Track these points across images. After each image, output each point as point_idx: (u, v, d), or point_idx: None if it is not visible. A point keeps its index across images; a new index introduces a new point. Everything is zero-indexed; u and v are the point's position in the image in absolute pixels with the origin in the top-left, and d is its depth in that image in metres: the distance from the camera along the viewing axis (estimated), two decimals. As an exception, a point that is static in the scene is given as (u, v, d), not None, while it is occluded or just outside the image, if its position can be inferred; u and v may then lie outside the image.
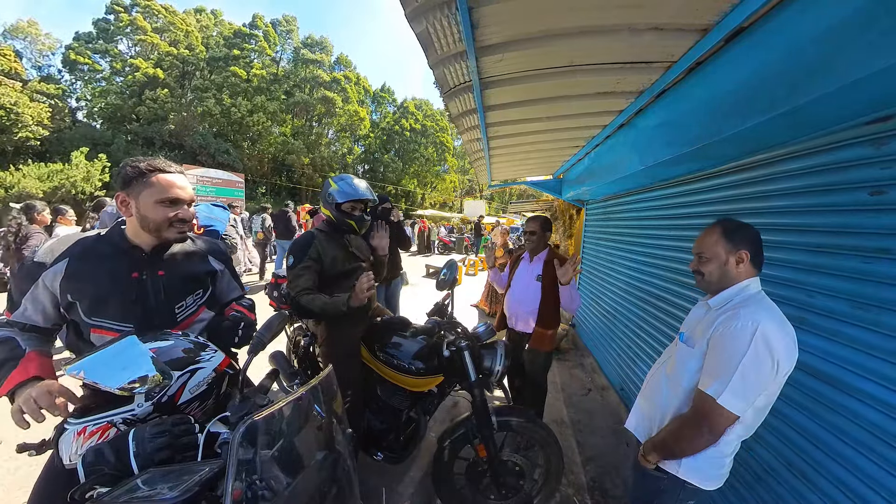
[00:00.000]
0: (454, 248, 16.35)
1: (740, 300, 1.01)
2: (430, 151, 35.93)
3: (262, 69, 28.98)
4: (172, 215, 1.06)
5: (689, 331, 1.12)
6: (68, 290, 0.99)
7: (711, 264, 1.06)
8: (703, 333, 1.02)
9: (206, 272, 1.25)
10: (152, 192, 1.03)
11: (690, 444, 1.00)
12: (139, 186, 1.02)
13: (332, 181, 1.78)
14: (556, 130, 2.69)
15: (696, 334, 1.06)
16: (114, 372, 0.80)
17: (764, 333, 0.90)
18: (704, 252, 1.07)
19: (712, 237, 1.06)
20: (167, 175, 1.05)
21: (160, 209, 1.04)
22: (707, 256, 1.06)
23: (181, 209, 1.08)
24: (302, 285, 1.65)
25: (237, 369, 1.11)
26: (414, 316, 2.35)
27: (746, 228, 1.04)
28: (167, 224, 1.06)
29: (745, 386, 0.90)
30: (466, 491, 1.79)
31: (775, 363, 0.90)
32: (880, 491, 0.99)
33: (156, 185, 1.03)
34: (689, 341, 1.09)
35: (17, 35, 25.85)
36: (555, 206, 6.11)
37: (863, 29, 0.87)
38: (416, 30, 1.36)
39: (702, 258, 1.08)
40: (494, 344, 1.79)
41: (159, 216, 1.04)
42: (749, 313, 0.94)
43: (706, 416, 0.95)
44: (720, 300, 1.06)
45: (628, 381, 2.82)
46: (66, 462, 0.79)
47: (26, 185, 16.02)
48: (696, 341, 1.05)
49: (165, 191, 1.04)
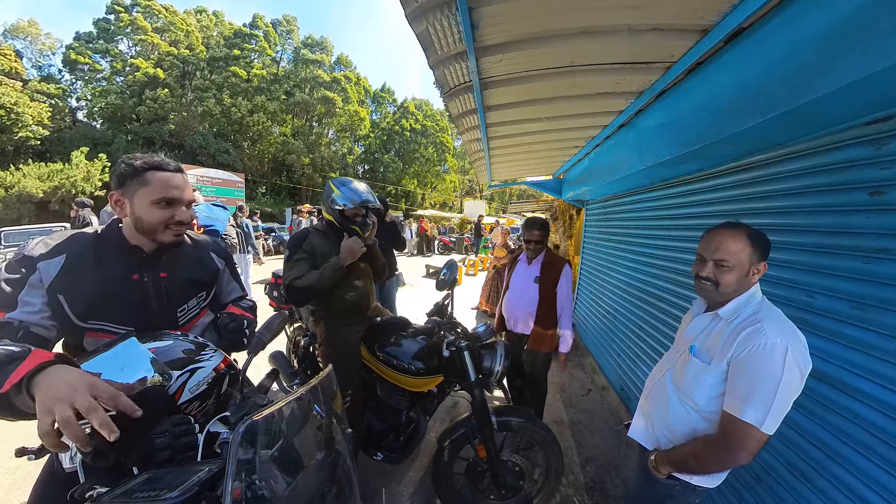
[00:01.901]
0: (454, 248, 16.37)
1: (753, 310, 0.97)
2: (430, 151, 35.94)
3: (263, 69, 28.99)
4: (168, 217, 0.99)
5: (701, 344, 1.06)
6: (60, 289, 0.91)
7: (732, 274, 0.95)
8: (723, 350, 0.96)
9: (210, 272, 1.21)
10: (147, 192, 0.96)
11: (721, 465, 0.96)
12: (134, 185, 0.95)
13: (333, 186, 1.76)
14: (557, 131, 2.69)
15: (712, 349, 1.00)
16: (113, 373, 0.80)
17: (794, 353, 0.87)
18: (728, 259, 0.94)
19: (738, 244, 0.94)
20: (164, 173, 0.98)
21: (156, 210, 0.97)
22: (730, 265, 0.94)
23: (178, 211, 1.01)
24: (294, 274, 1.68)
25: (237, 369, 1.10)
26: (414, 316, 2.35)
27: (765, 236, 0.96)
28: (163, 226, 0.99)
29: (782, 408, 0.88)
30: (466, 491, 1.79)
31: (803, 378, 0.89)
32: (880, 491, 0.99)
33: (151, 185, 0.96)
34: (701, 355, 1.03)
35: (18, 35, 25.86)
36: (555, 206, 6.10)
37: (863, 29, 0.87)
38: (416, 30, 1.36)
39: (723, 266, 0.95)
40: (494, 344, 1.80)
41: (154, 218, 0.97)
42: (774, 330, 0.89)
43: (742, 442, 0.89)
44: (731, 311, 1.00)
45: (628, 381, 2.81)
46: (67, 465, 0.79)
47: (26, 184, 16.03)
48: (713, 357, 0.99)
49: (161, 190, 0.96)
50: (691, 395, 1.05)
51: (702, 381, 1.01)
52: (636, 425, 1.27)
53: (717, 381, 0.98)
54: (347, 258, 1.65)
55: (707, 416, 1.02)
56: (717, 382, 0.98)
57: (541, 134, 2.76)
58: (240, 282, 1.36)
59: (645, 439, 1.22)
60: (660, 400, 1.17)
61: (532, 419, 1.76)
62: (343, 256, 1.64)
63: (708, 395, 1.00)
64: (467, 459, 1.78)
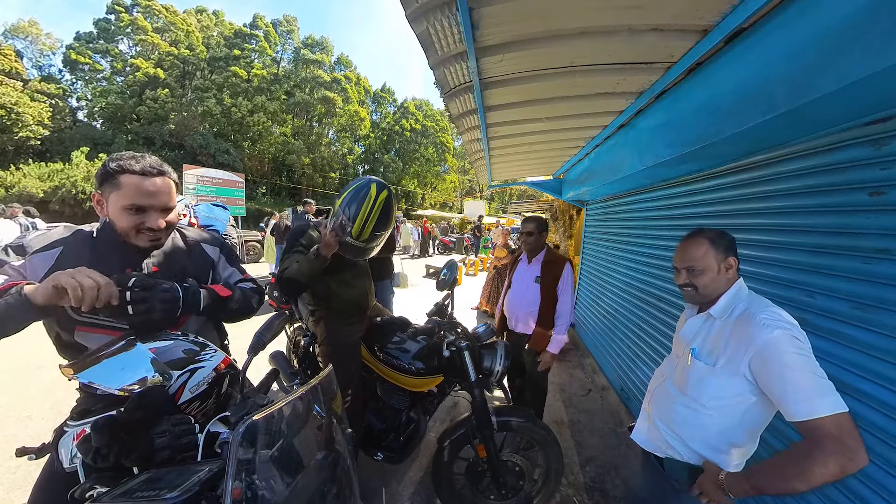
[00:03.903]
0: (454, 248, 16.38)
1: (745, 306, 0.99)
2: (430, 152, 35.96)
3: (263, 69, 29.00)
4: (138, 223, 0.96)
5: (701, 346, 1.06)
6: None
7: (705, 276, 1.03)
8: (733, 352, 0.95)
9: (204, 264, 1.20)
10: (118, 197, 0.93)
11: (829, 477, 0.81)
12: (109, 187, 0.94)
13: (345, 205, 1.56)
14: (557, 131, 2.70)
15: (716, 349, 1.01)
16: (113, 373, 0.80)
17: (791, 329, 0.89)
18: (696, 265, 1.04)
19: (700, 249, 1.03)
20: (136, 178, 0.94)
21: (125, 216, 0.95)
22: (700, 268, 1.03)
23: (149, 217, 0.97)
24: (286, 265, 1.62)
25: (237, 369, 1.10)
26: (414, 316, 2.36)
27: (726, 234, 1.04)
28: (134, 231, 0.97)
29: (821, 377, 0.85)
30: (466, 491, 1.79)
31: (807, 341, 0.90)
32: (880, 491, 0.99)
33: (122, 189, 0.93)
34: (704, 357, 1.03)
35: (18, 35, 25.89)
36: (555, 206, 6.11)
37: (863, 29, 0.87)
38: (416, 30, 1.36)
39: (693, 271, 1.05)
40: (494, 344, 1.80)
41: (124, 223, 0.96)
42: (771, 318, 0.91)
43: (836, 438, 0.79)
44: (722, 309, 1.03)
45: (628, 381, 2.82)
46: (67, 465, 0.79)
47: (27, 184, 16.04)
48: (719, 358, 0.99)
49: (130, 196, 0.94)
50: (697, 398, 1.03)
51: (707, 383, 1.01)
52: (640, 429, 1.25)
53: (724, 383, 0.97)
54: (325, 249, 1.54)
55: (711, 413, 1.01)
56: (723, 384, 0.97)
57: (541, 134, 2.76)
58: (238, 266, 1.31)
59: (648, 443, 1.20)
60: (663, 405, 1.16)
61: (532, 419, 1.75)
62: (322, 246, 1.54)
63: (715, 394, 0.99)
64: (467, 459, 1.78)
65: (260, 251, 11.86)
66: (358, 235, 1.55)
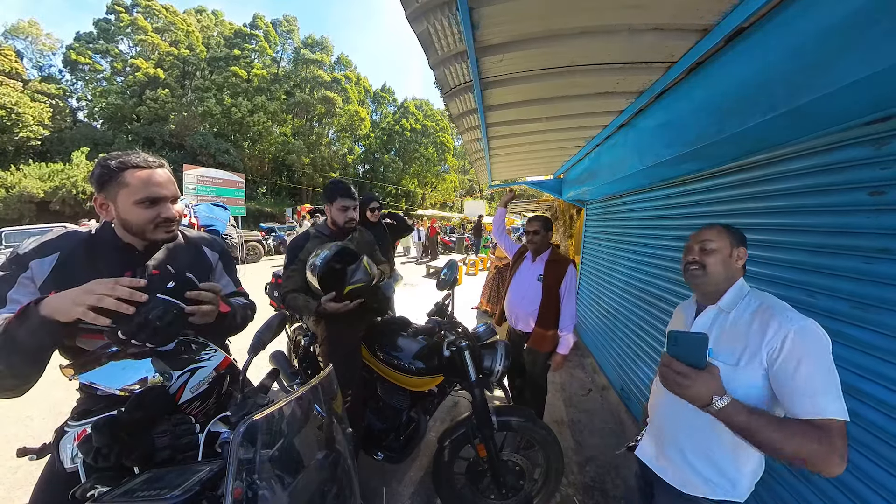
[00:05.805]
0: (454, 248, 16.37)
1: (758, 301, 0.96)
2: (430, 151, 35.95)
3: (263, 69, 29.02)
4: (155, 216, 0.97)
5: (715, 344, 0.98)
6: (53, 287, 0.87)
7: (716, 256, 1.00)
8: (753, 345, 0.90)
9: (204, 267, 1.19)
10: (129, 193, 0.93)
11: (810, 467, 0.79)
12: (114, 187, 0.93)
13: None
14: (557, 130, 2.69)
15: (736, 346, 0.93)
16: (113, 373, 0.80)
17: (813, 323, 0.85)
18: (710, 242, 1.01)
19: (716, 230, 1.03)
20: (142, 171, 0.94)
21: (140, 211, 0.95)
22: (712, 247, 1.01)
23: (163, 208, 0.98)
24: (289, 287, 1.72)
25: (238, 369, 1.10)
26: (414, 316, 2.36)
27: (739, 230, 1.04)
28: (152, 226, 0.97)
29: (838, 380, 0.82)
30: (466, 491, 1.80)
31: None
32: (880, 491, 0.99)
33: (131, 185, 0.93)
34: (723, 356, 0.95)
35: (18, 35, 25.91)
36: (555, 206, 6.11)
37: (863, 29, 0.87)
38: (416, 30, 1.36)
39: (706, 248, 1.01)
40: (494, 344, 1.80)
41: (140, 218, 0.95)
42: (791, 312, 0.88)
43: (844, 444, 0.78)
44: (731, 301, 0.99)
45: (628, 381, 2.82)
46: (68, 465, 0.79)
47: (27, 184, 16.06)
48: (741, 354, 0.92)
49: (142, 190, 0.94)
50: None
51: (735, 384, 0.90)
52: (645, 447, 1.19)
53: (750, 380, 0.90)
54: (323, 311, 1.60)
55: None
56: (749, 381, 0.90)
57: (541, 134, 2.76)
58: (234, 277, 1.29)
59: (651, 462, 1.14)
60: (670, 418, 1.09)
61: (532, 419, 1.76)
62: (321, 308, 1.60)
63: (743, 395, 0.87)
64: (467, 459, 1.78)
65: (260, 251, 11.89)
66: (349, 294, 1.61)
